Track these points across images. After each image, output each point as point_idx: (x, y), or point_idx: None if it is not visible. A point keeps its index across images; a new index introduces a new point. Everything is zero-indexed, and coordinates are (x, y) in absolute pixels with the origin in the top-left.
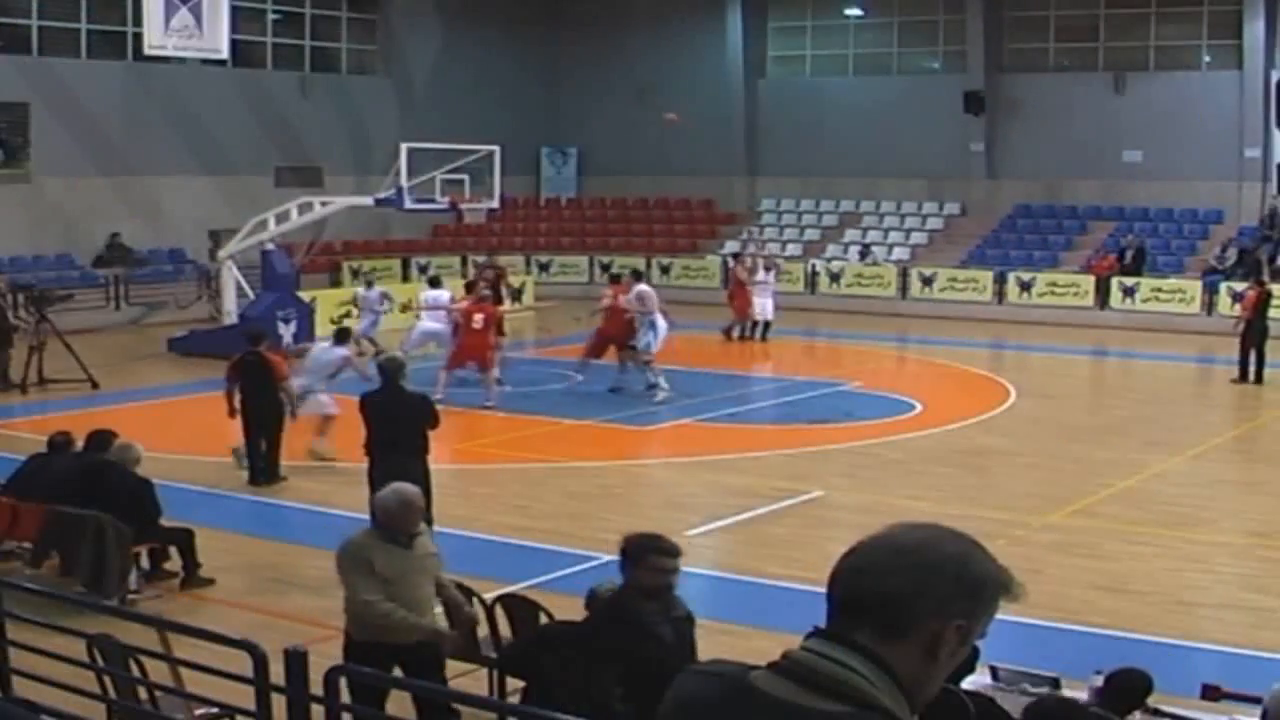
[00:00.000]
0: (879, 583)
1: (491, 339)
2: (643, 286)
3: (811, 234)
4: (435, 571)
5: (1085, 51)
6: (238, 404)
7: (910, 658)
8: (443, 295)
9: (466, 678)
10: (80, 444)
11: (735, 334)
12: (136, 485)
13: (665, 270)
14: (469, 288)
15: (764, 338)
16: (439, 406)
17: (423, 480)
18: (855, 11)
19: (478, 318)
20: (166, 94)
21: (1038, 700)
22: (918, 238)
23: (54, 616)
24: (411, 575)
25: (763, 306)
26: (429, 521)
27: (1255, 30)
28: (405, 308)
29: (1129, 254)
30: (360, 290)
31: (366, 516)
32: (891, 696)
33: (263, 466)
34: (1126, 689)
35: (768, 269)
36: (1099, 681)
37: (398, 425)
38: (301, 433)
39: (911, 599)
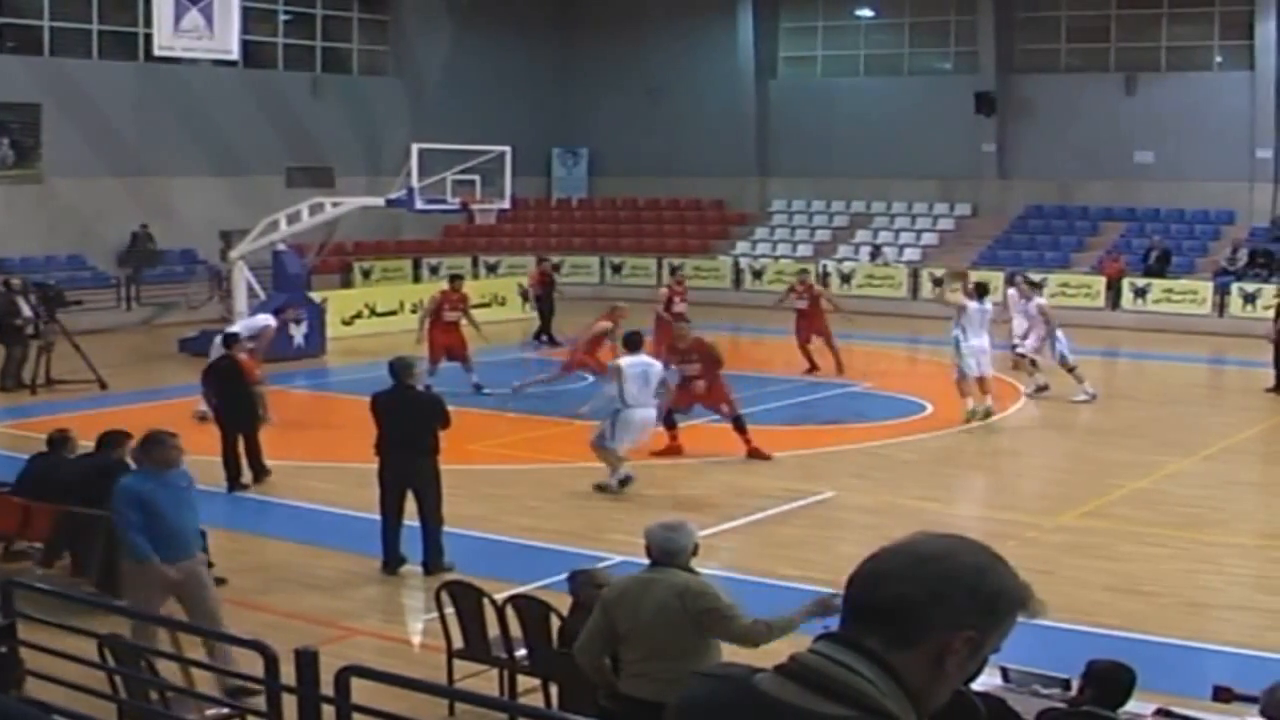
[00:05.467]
0: (892, 589)
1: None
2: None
3: (822, 235)
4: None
5: (1096, 52)
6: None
7: (918, 666)
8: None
9: (477, 678)
10: (92, 444)
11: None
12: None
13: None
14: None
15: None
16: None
17: (433, 480)
18: (866, 12)
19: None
20: (178, 95)
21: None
22: (929, 238)
23: (65, 617)
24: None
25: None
26: (439, 522)
27: (1267, 31)
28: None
29: (1153, 255)
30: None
31: (376, 516)
32: (897, 703)
33: (237, 473)
34: (1109, 683)
35: (1026, 297)
36: None
37: (408, 425)
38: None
39: (923, 607)
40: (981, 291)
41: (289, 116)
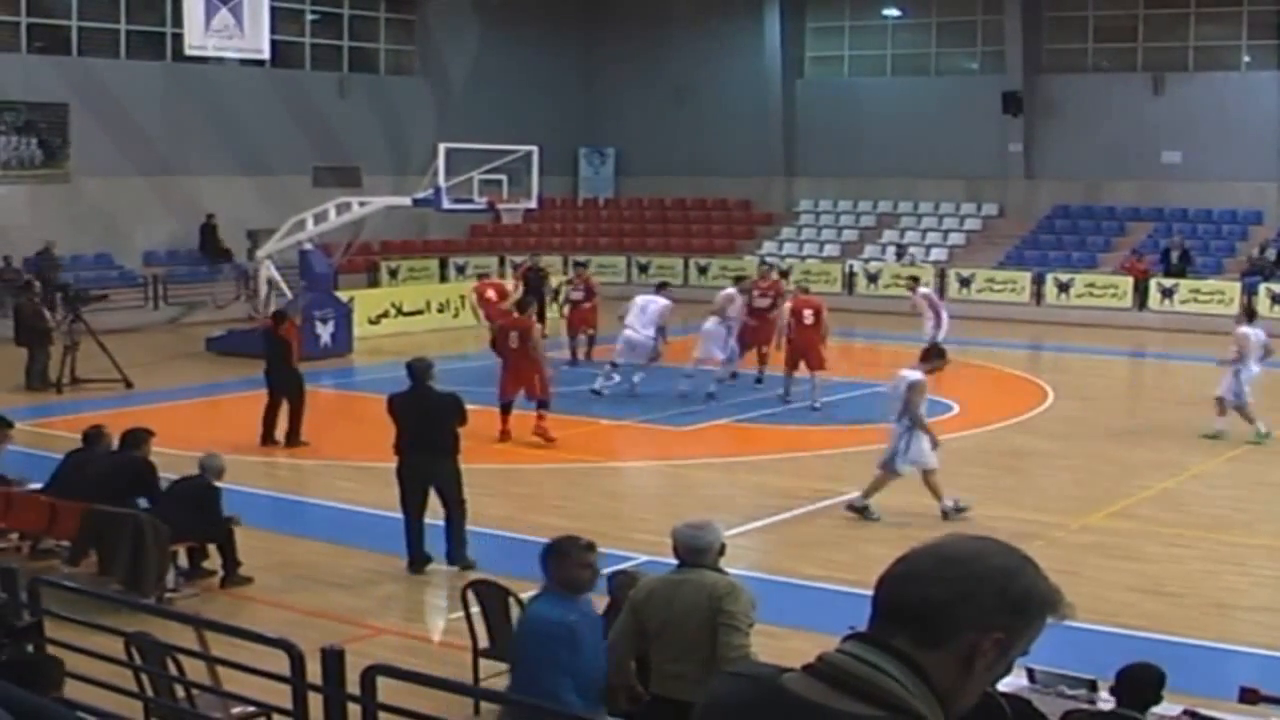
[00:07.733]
0: (922, 589)
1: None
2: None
3: (849, 235)
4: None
5: (1124, 52)
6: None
7: (946, 667)
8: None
9: (503, 677)
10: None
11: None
12: (204, 493)
13: (703, 271)
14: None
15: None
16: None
17: (454, 478)
18: (893, 12)
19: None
20: (205, 94)
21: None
22: (955, 239)
23: (92, 615)
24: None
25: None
26: (464, 515)
27: None
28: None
29: (1174, 255)
30: None
31: (398, 515)
32: (926, 703)
33: (270, 430)
34: (1137, 683)
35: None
36: None
37: (427, 424)
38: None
39: (952, 608)
40: (1251, 315)
41: (316, 116)
